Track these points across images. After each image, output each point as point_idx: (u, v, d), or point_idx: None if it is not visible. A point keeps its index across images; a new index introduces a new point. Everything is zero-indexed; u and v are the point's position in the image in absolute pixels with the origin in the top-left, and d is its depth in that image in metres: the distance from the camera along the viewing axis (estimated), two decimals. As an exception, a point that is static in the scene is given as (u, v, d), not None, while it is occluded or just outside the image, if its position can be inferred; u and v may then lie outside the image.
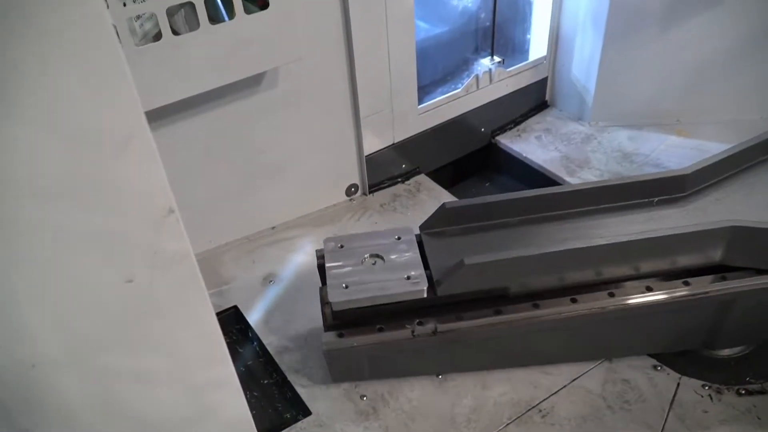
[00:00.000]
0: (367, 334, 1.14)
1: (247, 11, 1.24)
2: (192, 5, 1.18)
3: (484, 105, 1.88)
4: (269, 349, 1.33)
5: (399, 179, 1.81)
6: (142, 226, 0.56)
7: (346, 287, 1.12)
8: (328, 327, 1.17)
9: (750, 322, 1.22)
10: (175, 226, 0.57)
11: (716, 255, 1.16)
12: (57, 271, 0.53)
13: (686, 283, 1.17)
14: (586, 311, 1.15)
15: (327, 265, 1.18)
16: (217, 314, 0.96)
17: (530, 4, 1.94)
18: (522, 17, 1.98)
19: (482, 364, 1.24)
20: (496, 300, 1.16)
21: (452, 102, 1.81)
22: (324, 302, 1.16)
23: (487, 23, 1.92)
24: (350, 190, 1.76)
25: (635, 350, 1.28)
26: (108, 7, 1.07)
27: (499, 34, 1.91)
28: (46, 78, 0.46)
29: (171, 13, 1.20)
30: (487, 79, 1.85)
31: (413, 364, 1.22)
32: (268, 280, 1.50)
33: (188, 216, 1.54)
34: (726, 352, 1.28)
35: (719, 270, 1.18)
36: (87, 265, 0.54)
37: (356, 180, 1.75)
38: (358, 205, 1.74)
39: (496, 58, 1.88)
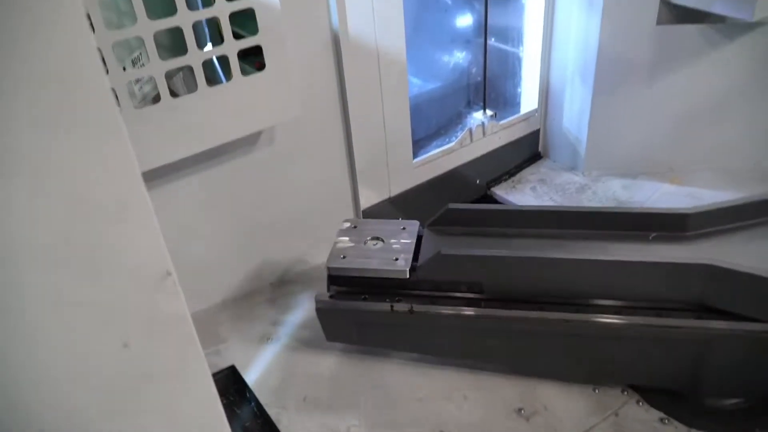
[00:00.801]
0: (353, 301, 1.29)
1: (245, 73, 1.27)
2: (190, 68, 1.21)
3: (478, 157, 1.91)
4: (267, 410, 1.30)
5: (396, 233, 1.82)
6: (138, 290, 0.56)
7: (344, 257, 1.29)
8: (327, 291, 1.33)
9: (739, 373, 1.19)
10: (171, 289, 0.57)
11: (695, 294, 1.15)
12: (51, 338, 0.52)
13: (659, 315, 1.16)
14: (551, 319, 1.18)
15: (336, 238, 1.35)
16: (214, 375, 0.94)
17: (519, 59, 1.99)
18: (512, 72, 2.03)
19: (455, 354, 1.34)
20: (471, 296, 1.25)
21: (447, 155, 1.83)
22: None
23: (479, 78, 1.97)
24: (348, 245, 1.76)
25: (614, 378, 1.28)
26: (108, 71, 1.09)
27: (490, 88, 1.96)
28: (41, 142, 0.46)
29: (170, 75, 1.22)
30: (481, 132, 1.88)
31: (393, 339, 1.34)
32: (266, 338, 1.48)
33: (185, 274, 1.52)
34: (731, 401, 1.25)
35: (706, 312, 1.17)
36: (82, 331, 0.54)
37: (353, 234, 1.75)
38: (356, 259, 1.74)
39: (489, 112, 1.92)
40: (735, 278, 1.11)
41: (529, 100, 2.03)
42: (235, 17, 1.22)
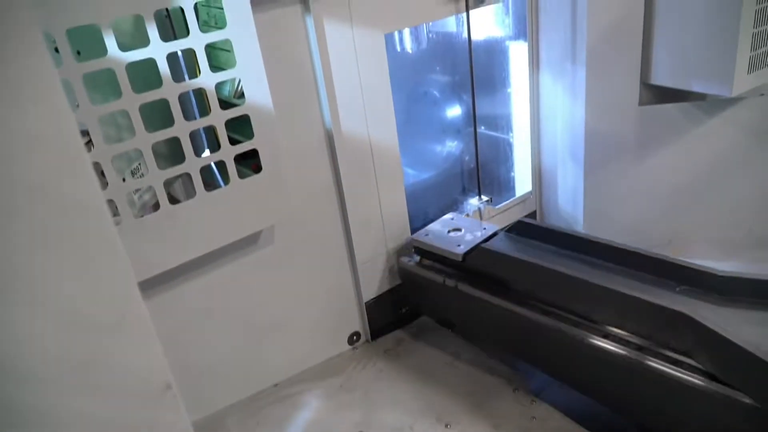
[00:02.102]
0: (423, 268, 1.65)
1: (242, 176, 1.30)
2: (188, 175, 1.23)
3: (477, 242, 1.91)
4: None
5: (401, 323, 1.80)
6: (138, 404, 0.55)
7: (427, 235, 1.66)
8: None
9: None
10: (172, 402, 0.56)
11: (677, 341, 1.19)
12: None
13: (639, 348, 1.23)
14: (553, 324, 1.34)
15: (431, 225, 1.71)
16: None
17: (510, 145, 2.04)
18: (504, 157, 2.07)
19: (480, 337, 1.64)
20: (507, 290, 1.47)
21: (446, 242, 1.84)
22: None
23: (472, 165, 2.01)
24: (352, 339, 1.73)
25: (596, 397, 1.37)
26: (107, 184, 1.12)
27: (484, 174, 1.99)
28: (37, 261, 0.47)
29: (169, 183, 1.25)
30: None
31: (443, 310, 1.67)
32: (274, 442, 1.43)
33: (187, 380, 1.50)
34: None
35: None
36: (82, 452, 0.52)
37: (358, 327, 1.74)
38: (362, 353, 1.71)
39: (484, 197, 1.94)
40: (711, 336, 1.11)
41: (523, 183, 2.06)
42: (231, 123, 1.26)
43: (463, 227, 1.66)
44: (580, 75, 1.74)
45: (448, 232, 1.65)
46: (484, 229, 1.63)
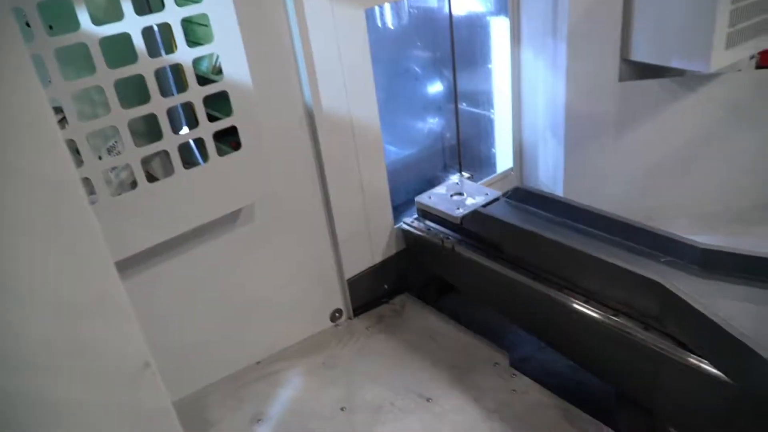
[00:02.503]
0: (423, 230, 1.73)
1: (221, 153, 1.29)
2: (166, 152, 1.22)
3: (458, 219, 1.92)
4: (261, 495, 1.25)
5: (383, 300, 1.80)
6: (117, 384, 0.54)
7: (430, 198, 1.73)
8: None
9: (689, 407, 1.20)
10: (152, 381, 0.56)
11: (652, 309, 1.22)
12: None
13: (616, 315, 1.28)
14: (539, 288, 1.40)
15: (435, 188, 1.79)
16: (203, 465, 0.91)
17: (491, 121, 2.04)
18: (485, 133, 2.07)
19: (473, 294, 1.73)
20: (501, 254, 1.53)
21: (427, 219, 1.84)
22: None
23: (453, 141, 2.01)
24: (335, 316, 1.74)
25: (566, 353, 1.45)
26: (83, 161, 1.10)
27: (465, 150, 1.99)
28: (10, 240, 0.46)
29: (147, 160, 1.24)
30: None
31: (441, 267, 1.74)
32: (257, 419, 1.44)
33: (169, 360, 1.49)
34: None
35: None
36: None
37: (340, 305, 1.74)
38: (344, 330, 1.72)
39: (465, 174, 1.94)
40: (683, 307, 1.14)
41: (504, 159, 2.06)
42: (209, 100, 1.24)
43: (466, 192, 1.73)
44: (561, 51, 1.74)
45: (451, 195, 1.72)
46: (486, 194, 1.70)
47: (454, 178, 1.92)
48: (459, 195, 1.72)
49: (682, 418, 1.21)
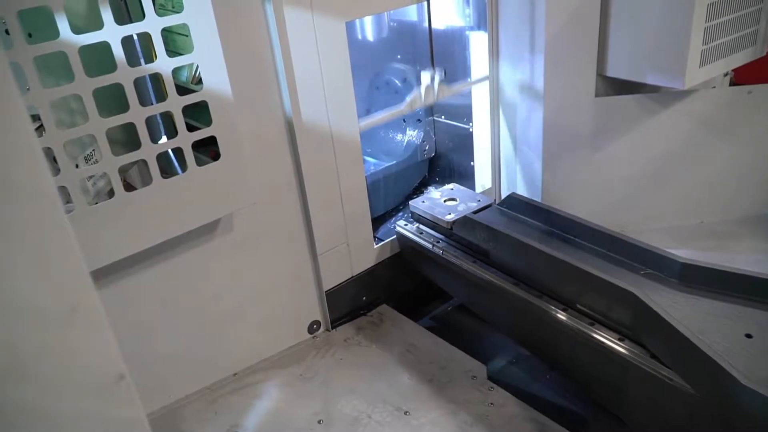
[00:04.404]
0: (416, 233, 1.76)
1: (200, 163, 1.28)
2: (145, 162, 1.21)
3: (437, 231, 1.93)
4: None
5: (361, 312, 1.80)
6: (90, 395, 0.54)
7: (423, 202, 1.76)
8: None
9: (659, 419, 1.21)
10: (126, 393, 0.55)
11: (626, 320, 1.24)
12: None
13: (592, 324, 1.29)
14: (520, 294, 1.43)
15: (430, 194, 1.81)
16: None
17: (470, 135, 2.05)
18: (464, 147, 2.09)
19: (462, 299, 1.77)
20: (488, 259, 1.56)
21: (407, 231, 1.84)
22: None
23: (432, 154, 2.02)
24: (312, 327, 1.73)
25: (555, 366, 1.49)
26: (60, 170, 1.09)
27: (444, 163, 2.01)
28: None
29: (124, 169, 1.23)
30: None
31: (432, 271, 1.77)
32: (233, 430, 1.42)
33: (144, 371, 1.47)
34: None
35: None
36: (33, 444, 0.51)
37: (318, 316, 1.73)
38: (322, 341, 1.71)
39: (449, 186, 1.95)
40: (654, 318, 1.15)
41: (483, 173, 2.08)
42: (188, 109, 1.24)
43: (459, 198, 1.76)
44: (539, 66, 1.76)
45: (444, 201, 1.75)
46: (479, 201, 1.73)
47: (454, 185, 1.94)
48: (452, 201, 1.75)
49: (651, 429, 1.22)
